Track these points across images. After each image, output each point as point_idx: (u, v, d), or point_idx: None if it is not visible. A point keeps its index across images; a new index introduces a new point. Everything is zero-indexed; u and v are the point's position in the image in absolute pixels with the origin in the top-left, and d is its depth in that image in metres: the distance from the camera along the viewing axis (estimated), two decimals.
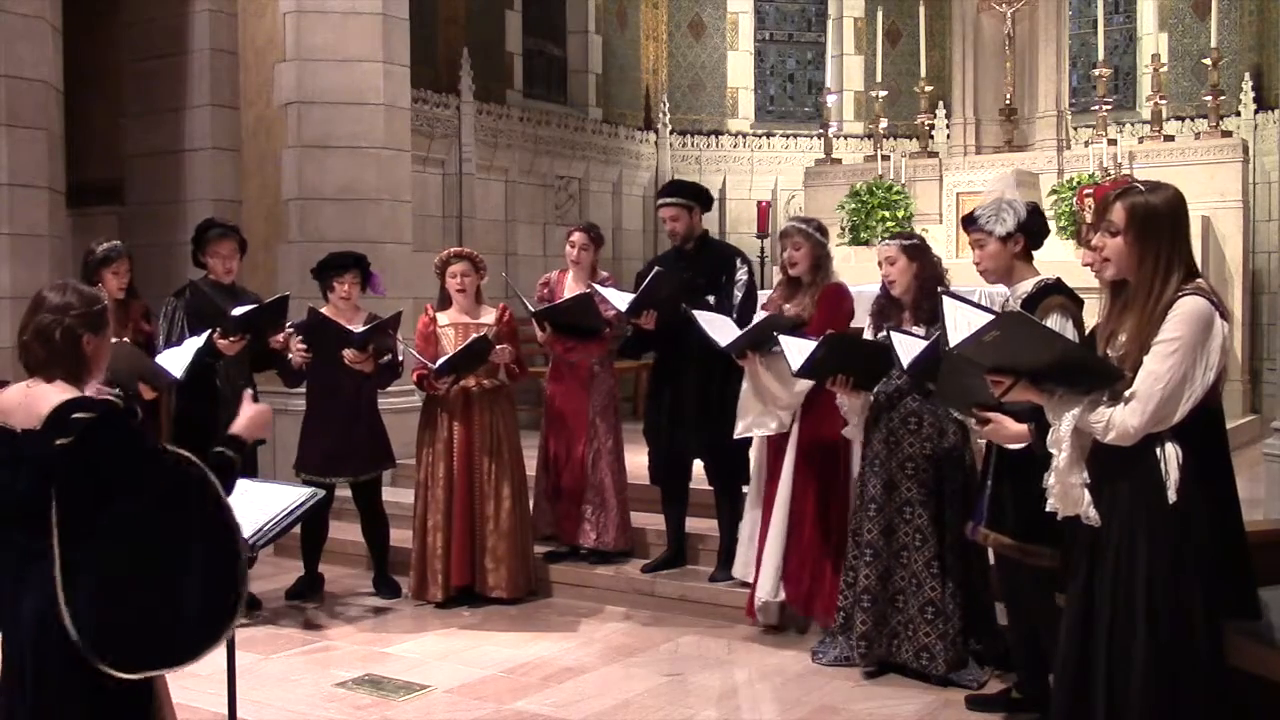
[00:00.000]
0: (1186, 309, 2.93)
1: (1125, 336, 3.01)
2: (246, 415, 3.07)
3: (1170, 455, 2.95)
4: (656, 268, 5.65)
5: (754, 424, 5.32)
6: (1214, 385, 2.99)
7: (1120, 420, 2.93)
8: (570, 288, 6.23)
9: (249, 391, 3.21)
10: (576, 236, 6.29)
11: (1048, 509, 3.19)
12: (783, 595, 5.29)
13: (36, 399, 2.69)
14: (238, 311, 5.62)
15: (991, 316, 3.34)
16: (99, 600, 2.63)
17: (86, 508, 2.62)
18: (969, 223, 4.32)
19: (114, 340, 3.11)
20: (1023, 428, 3.42)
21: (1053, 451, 3.11)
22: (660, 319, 5.69)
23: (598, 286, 5.97)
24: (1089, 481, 3.07)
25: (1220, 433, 3.10)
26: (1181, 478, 2.94)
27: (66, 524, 2.62)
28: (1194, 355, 2.91)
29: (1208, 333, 2.93)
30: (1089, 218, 7.61)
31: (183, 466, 2.73)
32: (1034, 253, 4.33)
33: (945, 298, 3.72)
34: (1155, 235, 3.01)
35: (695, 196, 6.03)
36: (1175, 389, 2.90)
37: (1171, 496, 2.94)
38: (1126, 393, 2.93)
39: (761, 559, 5.31)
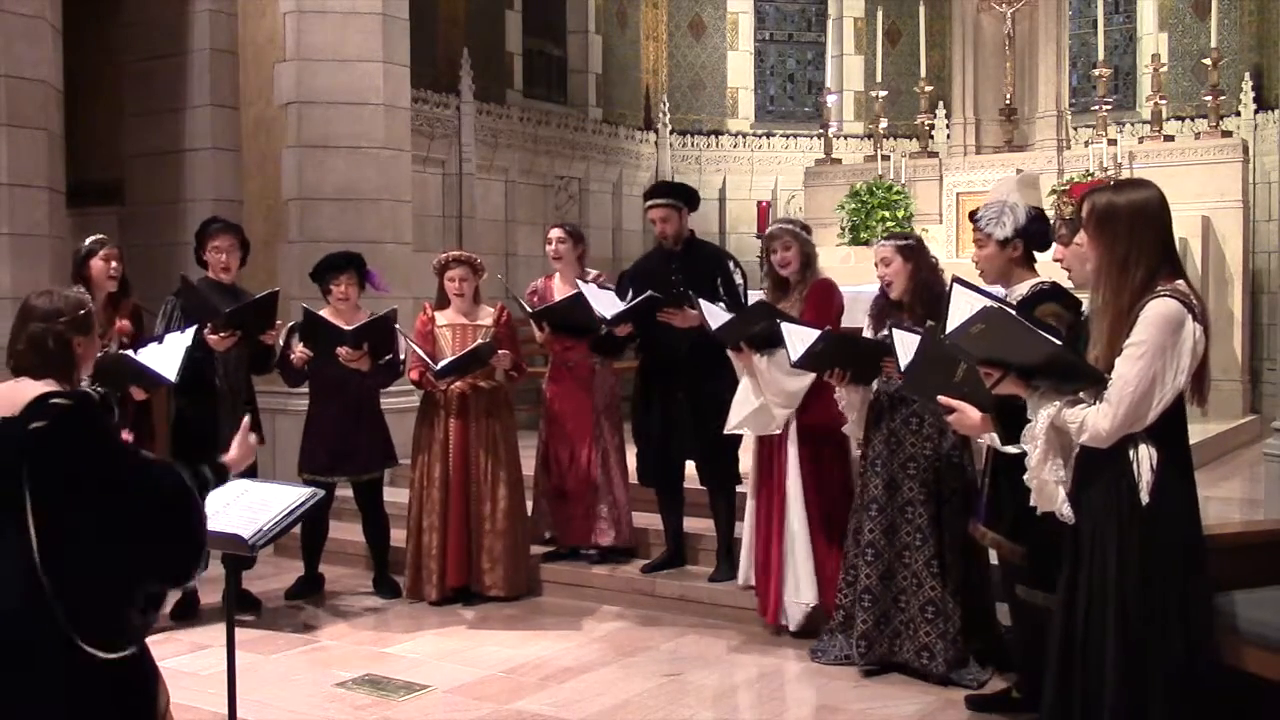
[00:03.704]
0: (1155, 312, 2.93)
1: (1104, 337, 3.02)
2: (240, 451, 3.18)
3: (1144, 456, 2.97)
4: (650, 292, 5.60)
5: (747, 422, 5.25)
6: (1192, 385, 3.00)
7: (1092, 423, 2.96)
8: (559, 289, 6.22)
9: (247, 420, 3.29)
10: (554, 233, 6.28)
11: (1029, 503, 3.22)
12: (815, 599, 5.22)
13: (21, 391, 2.79)
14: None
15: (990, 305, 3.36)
16: (70, 587, 2.68)
17: (55, 493, 2.68)
18: (974, 219, 4.34)
19: (98, 354, 3.23)
20: (987, 418, 3.43)
21: (1026, 447, 3.13)
22: (635, 329, 5.75)
23: (581, 284, 5.91)
24: (1063, 478, 3.09)
25: (1185, 431, 3.11)
26: (1155, 479, 2.95)
27: (38, 511, 2.67)
28: (1163, 359, 2.91)
29: (1177, 335, 2.93)
30: (1067, 215, 7.63)
31: (151, 464, 2.84)
32: (1037, 254, 4.33)
33: (955, 285, 3.73)
34: (1111, 233, 3.02)
35: (684, 197, 5.99)
36: (1145, 393, 2.91)
37: (1144, 497, 2.95)
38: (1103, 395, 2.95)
39: (783, 563, 5.25)
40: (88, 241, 5.63)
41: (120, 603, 2.76)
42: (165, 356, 5.17)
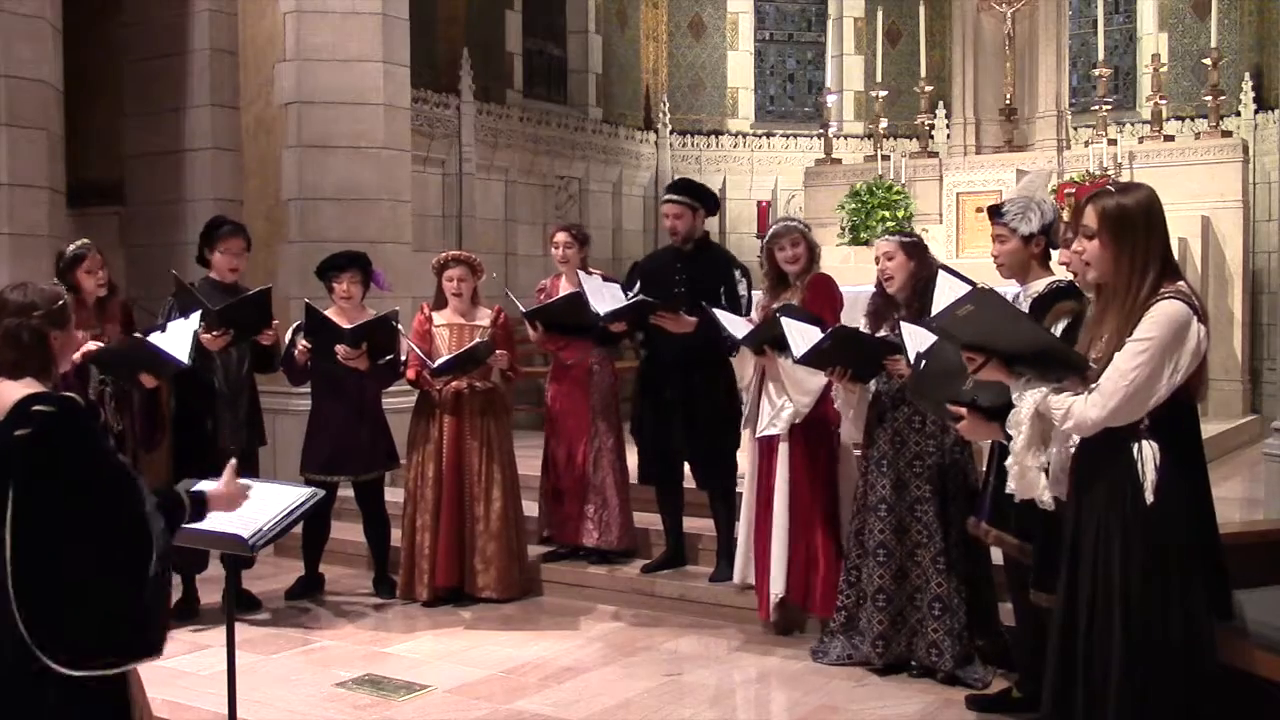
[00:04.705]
0: (1164, 311, 2.94)
1: (1106, 337, 3.02)
2: (225, 491, 3.12)
3: (1147, 455, 2.97)
4: (642, 296, 5.61)
5: (777, 422, 5.24)
6: (1192, 384, 3.00)
7: (1080, 411, 2.96)
8: (565, 290, 6.22)
9: (234, 462, 3.25)
10: (560, 236, 6.27)
11: (1006, 491, 3.22)
12: (783, 589, 5.26)
13: (1, 394, 2.74)
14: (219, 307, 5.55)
15: (980, 286, 3.37)
16: (48, 595, 2.65)
17: (41, 498, 2.65)
18: (995, 214, 4.32)
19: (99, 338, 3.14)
20: (995, 425, 3.44)
21: (1011, 433, 3.13)
22: (630, 328, 5.80)
23: (584, 276, 5.88)
24: (1045, 464, 3.09)
25: (1195, 430, 3.11)
26: (1158, 477, 2.95)
27: (20, 517, 2.64)
28: (1164, 357, 2.92)
29: (1182, 336, 2.94)
30: (1067, 216, 7.64)
31: (127, 473, 2.80)
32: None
33: (941, 271, 3.73)
34: (1129, 236, 3.02)
35: (701, 198, 5.98)
36: (1140, 388, 2.91)
37: (1149, 497, 2.95)
38: (1093, 385, 2.95)
39: (771, 558, 5.29)
40: (70, 249, 5.48)
41: (76, 610, 2.67)
42: (174, 341, 5.16)
